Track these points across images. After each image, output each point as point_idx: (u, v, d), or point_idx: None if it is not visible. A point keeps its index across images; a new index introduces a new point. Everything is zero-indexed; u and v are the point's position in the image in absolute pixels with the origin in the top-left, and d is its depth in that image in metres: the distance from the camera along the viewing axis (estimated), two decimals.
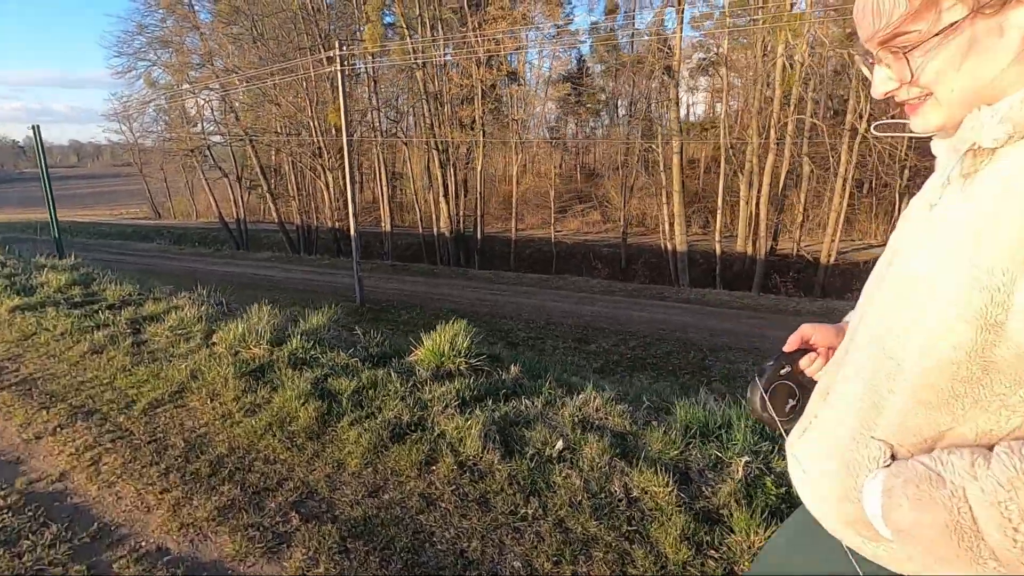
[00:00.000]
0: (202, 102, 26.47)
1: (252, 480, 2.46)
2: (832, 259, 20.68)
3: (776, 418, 0.89)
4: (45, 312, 4.80)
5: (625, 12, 28.09)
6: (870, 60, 0.70)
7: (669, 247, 23.71)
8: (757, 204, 21.96)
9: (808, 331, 0.90)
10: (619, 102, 30.93)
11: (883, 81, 0.68)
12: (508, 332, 14.77)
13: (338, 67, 15.10)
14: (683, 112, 33.74)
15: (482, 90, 23.14)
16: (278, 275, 23.72)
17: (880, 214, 26.52)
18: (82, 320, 4.54)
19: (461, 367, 3.56)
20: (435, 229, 28.33)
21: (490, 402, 3.08)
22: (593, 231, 37.05)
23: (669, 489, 2.24)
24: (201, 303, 5.04)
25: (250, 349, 3.79)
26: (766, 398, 0.88)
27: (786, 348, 0.90)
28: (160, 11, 25.43)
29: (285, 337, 4.00)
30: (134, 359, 3.85)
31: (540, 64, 29.39)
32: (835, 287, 20.29)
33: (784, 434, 0.87)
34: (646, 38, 22.73)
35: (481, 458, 2.54)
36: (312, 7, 24.14)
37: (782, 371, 0.89)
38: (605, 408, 2.96)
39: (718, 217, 22.02)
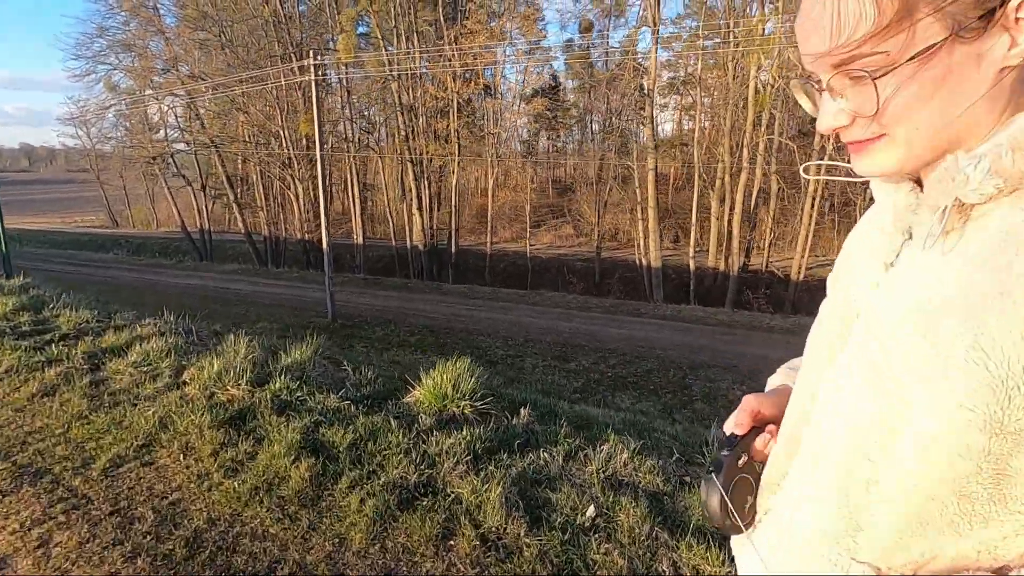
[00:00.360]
0: (166, 108, 25.47)
1: (238, 563, 2.10)
2: (801, 275, 21.08)
3: (742, 524, 0.69)
4: None
5: (599, 31, 28.42)
6: (817, 86, 0.56)
7: (644, 262, 23.82)
8: (729, 221, 22.31)
9: (755, 404, 0.73)
10: (593, 118, 31.18)
11: (834, 114, 0.54)
12: (486, 350, 14.44)
13: (312, 77, 14.68)
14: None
15: (458, 103, 22.92)
16: (245, 288, 22.84)
17: (843, 230, 27.33)
18: (31, 354, 4.04)
19: (466, 411, 3.25)
20: (408, 242, 27.89)
21: (504, 455, 2.78)
22: (566, 245, 37.12)
23: (727, 570, 1.98)
24: (170, 332, 4.57)
25: (227, 390, 3.40)
26: (728, 501, 0.68)
27: (738, 430, 0.71)
28: (122, 14, 24.42)
29: (267, 375, 3.61)
30: (92, 403, 3.40)
31: (517, 79, 29.36)
32: (804, 303, 20.70)
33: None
34: (620, 56, 22.98)
35: (505, 530, 2.24)
36: (284, 15, 23.58)
37: (740, 462, 0.70)
38: (633, 463, 2.70)
39: (692, 234, 22.24)
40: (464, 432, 2.91)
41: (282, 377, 3.52)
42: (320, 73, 14.95)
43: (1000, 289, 0.47)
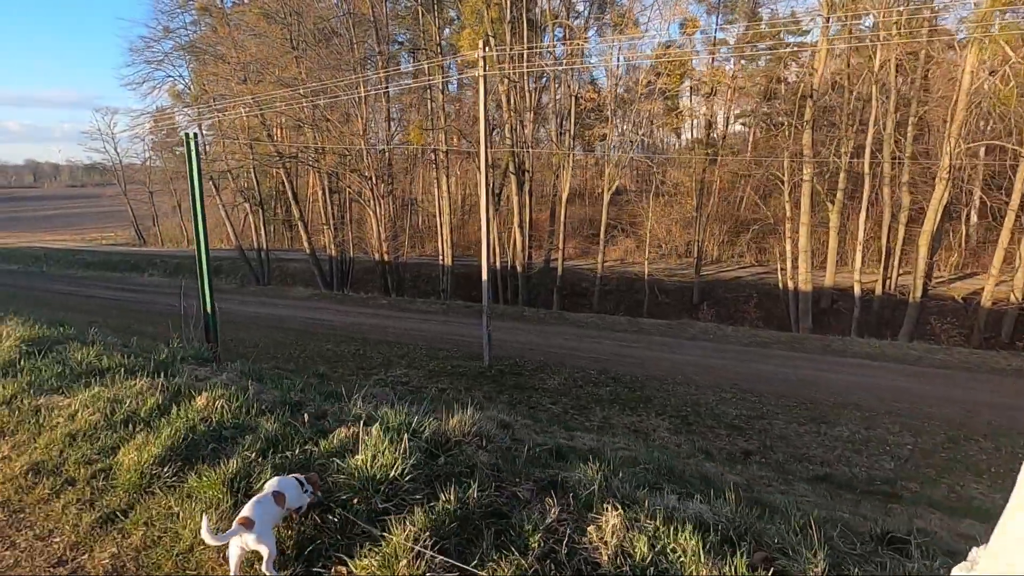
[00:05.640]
0: (238, 119, 22.59)
1: None
2: (990, 302, 18.20)
3: None
4: None
5: (702, 32, 25.78)
6: None
7: (790, 286, 20.99)
8: (889, 238, 19.67)
9: None
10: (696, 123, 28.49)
11: None
12: (710, 408, 11.53)
13: (482, 72, 11.91)
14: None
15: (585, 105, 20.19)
16: (336, 320, 19.97)
17: None
18: None
19: None
20: (499, 261, 25.03)
21: None
22: (638, 259, 34.11)
23: None
24: None
25: None
26: None
27: None
28: (192, 14, 21.68)
29: None
30: None
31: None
32: (997, 335, 18.01)
33: None
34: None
35: None
36: (374, 14, 20.92)
37: None
38: None
39: (857, 254, 19.38)
40: None
41: None
42: (489, 68, 12.19)
43: None
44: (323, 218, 28.34)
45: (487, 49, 11.88)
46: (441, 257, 25.24)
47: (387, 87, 22.04)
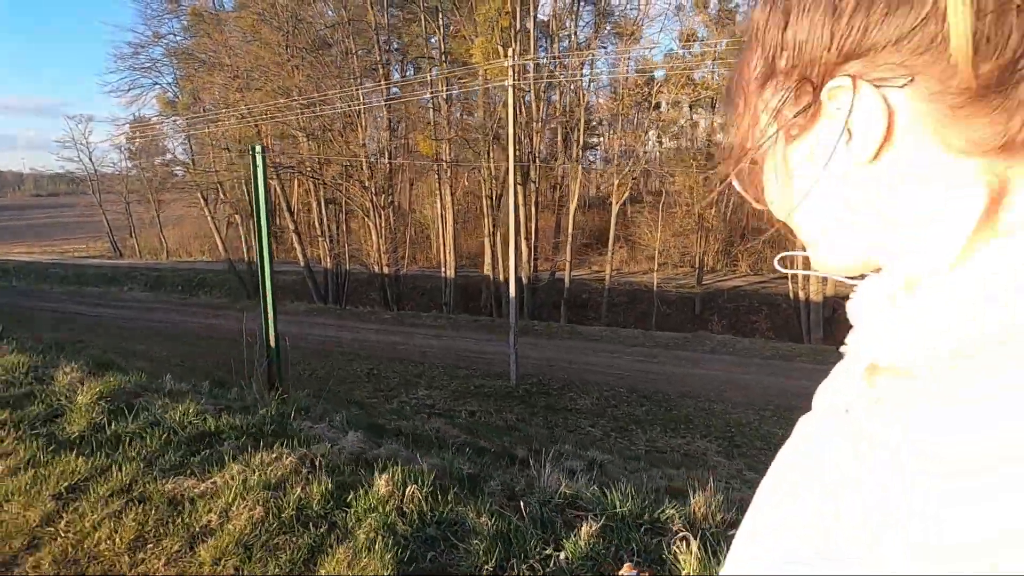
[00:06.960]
0: (234, 130, 21.69)
1: None
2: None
3: None
4: None
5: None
6: None
7: (801, 296, 20.93)
8: None
9: None
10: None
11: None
12: (754, 428, 11.22)
13: (511, 81, 11.48)
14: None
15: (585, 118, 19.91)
16: (342, 336, 19.21)
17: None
18: None
19: None
20: (503, 273, 24.56)
21: None
22: (634, 270, 34.03)
23: None
24: None
25: None
26: None
27: None
28: (182, 18, 20.78)
29: None
30: None
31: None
32: None
33: None
34: None
35: None
36: (387, 22, 20.35)
37: None
38: None
39: None
40: None
41: None
42: (521, 76, 11.79)
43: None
44: (317, 229, 27.55)
45: (514, 58, 11.42)
46: (444, 269, 24.62)
47: (388, 99, 21.48)
